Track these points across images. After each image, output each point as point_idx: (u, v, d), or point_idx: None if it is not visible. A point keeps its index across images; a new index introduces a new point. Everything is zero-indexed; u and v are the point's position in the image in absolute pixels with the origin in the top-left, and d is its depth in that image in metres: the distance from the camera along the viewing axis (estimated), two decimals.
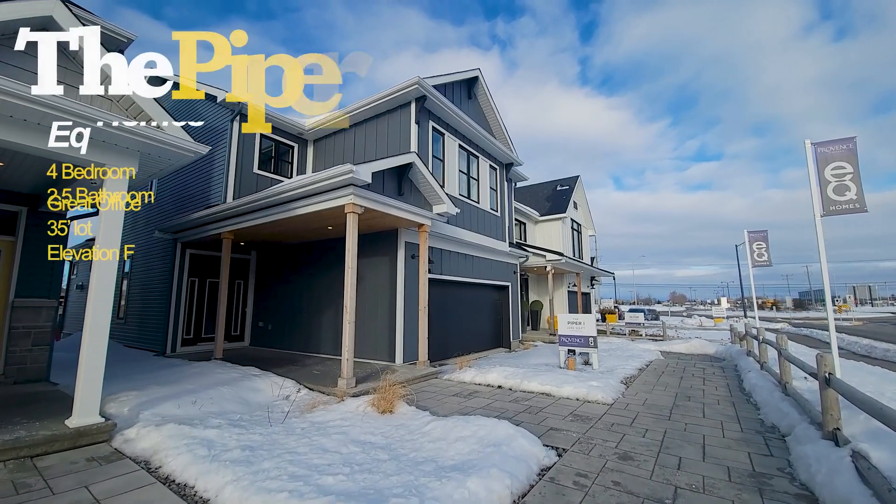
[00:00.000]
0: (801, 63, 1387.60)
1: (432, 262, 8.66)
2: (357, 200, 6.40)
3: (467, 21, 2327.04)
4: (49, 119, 3.84)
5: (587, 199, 22.72)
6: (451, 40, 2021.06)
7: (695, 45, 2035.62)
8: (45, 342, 6.15)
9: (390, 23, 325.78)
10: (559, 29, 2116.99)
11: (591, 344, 8.94)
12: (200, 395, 5.26)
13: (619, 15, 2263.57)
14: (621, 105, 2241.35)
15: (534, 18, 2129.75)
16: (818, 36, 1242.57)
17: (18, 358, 5.89)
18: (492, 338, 12.23)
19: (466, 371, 7.66)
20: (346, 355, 6.12)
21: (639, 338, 16.75)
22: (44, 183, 6.05)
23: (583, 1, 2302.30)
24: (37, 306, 6.08)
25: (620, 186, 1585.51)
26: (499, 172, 12.18)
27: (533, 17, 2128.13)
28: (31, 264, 6.15)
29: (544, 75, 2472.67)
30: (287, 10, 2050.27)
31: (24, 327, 5.96)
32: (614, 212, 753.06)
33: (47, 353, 6.17)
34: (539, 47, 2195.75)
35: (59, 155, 4.10)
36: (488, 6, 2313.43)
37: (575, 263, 16.77)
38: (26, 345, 5.96)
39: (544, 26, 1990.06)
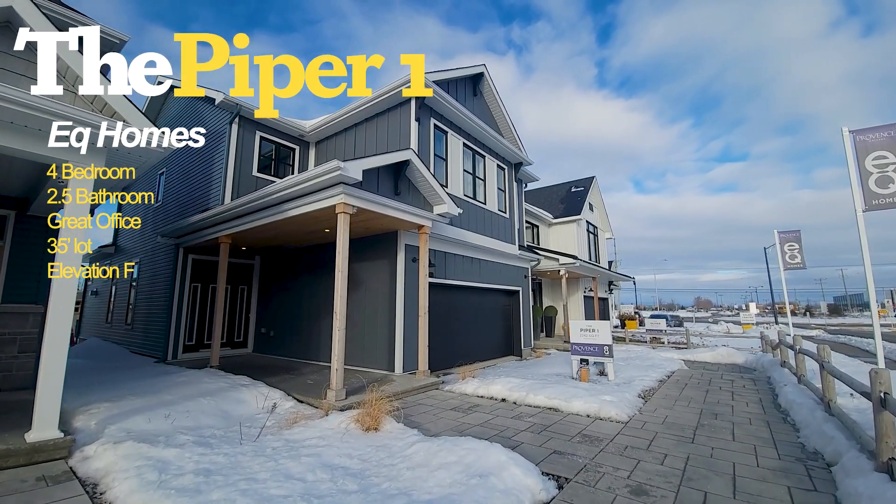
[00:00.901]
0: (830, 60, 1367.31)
1: (434, 265, 8.22)
2: (348, 200, 6.03)
3: (483, 27, 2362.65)
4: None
5: (603, 200, 21.90)
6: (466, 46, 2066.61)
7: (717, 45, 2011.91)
8: (32, 349, 5.97)
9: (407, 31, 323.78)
10: (575, 32, 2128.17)
11: (606, 353, 8.30)
12: (178, 407, 4.94)
13: (638, 16, 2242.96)
14: (641, 107, 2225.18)
15: (549, 23, 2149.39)
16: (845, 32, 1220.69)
17: (4, 365, 5.73)
18: (501, 346, 11.66)
19: (469, 382, 7.15)
20: (336, 365, 5.71)
21: (660, 345, 15.83)
22: (33, 185, 5.93)
23: (600, 3, 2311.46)
24: (23, 312, 5.92)
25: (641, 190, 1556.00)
26: (507, 172, 11.68)
27: (549, 21, 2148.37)
28: (19, 269, 6.01)
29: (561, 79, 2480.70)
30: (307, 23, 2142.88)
31: (10, 333, 5.80)
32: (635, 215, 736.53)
33: (34, 359, 5.97)
34: (555, 51, 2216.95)
35: (18, 151, 3.86)
36: (504, 12, 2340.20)
37: (590, 267, 16.03)
38: (12, 351, 5.80)
39: (560, 30, 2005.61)
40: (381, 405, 4.55)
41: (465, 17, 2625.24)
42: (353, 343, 8.58)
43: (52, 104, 3.78)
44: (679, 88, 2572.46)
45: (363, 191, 6.22)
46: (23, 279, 6.02)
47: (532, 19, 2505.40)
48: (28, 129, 3.80)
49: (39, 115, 3.74)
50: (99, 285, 16.08)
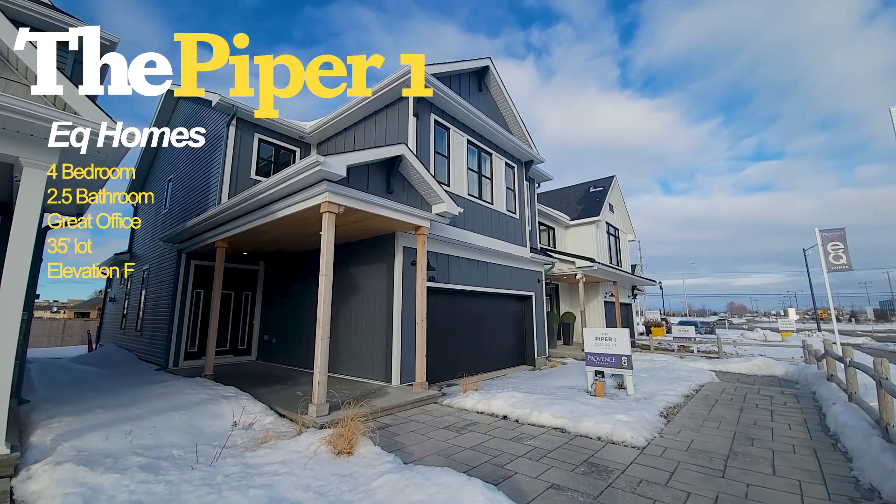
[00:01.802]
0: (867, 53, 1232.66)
1: (433, 268, 7.70)
2: (333, 198, 5.60)
3: (502, 32, 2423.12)
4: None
5: (625, 201, 20.86)
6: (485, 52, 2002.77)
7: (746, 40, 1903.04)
8: (17, 357, 5.78)
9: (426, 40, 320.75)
10: (597, 33, 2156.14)
11: (624, 364, 7.54)
12: (144, 422, 4.58)
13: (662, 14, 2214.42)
14: (667, 106, 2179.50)
15: (570, 24, 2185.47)
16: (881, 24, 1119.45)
17: None
18: (513, 354, 10.98)
19: (470, 396, 6.55)
20: (318, 377, 5.25)
21: (689, 354, 14.71)
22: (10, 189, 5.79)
23: (621, 3, 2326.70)
24: None
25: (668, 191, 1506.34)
26: (516, 171, 11.07)
27: (569, 23, 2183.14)
28: None
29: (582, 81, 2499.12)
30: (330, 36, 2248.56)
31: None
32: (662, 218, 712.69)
33: (18, 368, 5.78)
34: (576, 53, 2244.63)
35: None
36: (523, 16, 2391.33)
37: (610, 270, 15.12)
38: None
39: (581, 31, 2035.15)
40: (355, 425, 4.04)
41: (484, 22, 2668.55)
42: (349, 352, 8.15)
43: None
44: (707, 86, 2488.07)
45: (350, 188, 5.78)
46: None
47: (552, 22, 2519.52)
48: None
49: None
50: (116, 292, 16.35)
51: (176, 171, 11.98)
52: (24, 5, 5.81)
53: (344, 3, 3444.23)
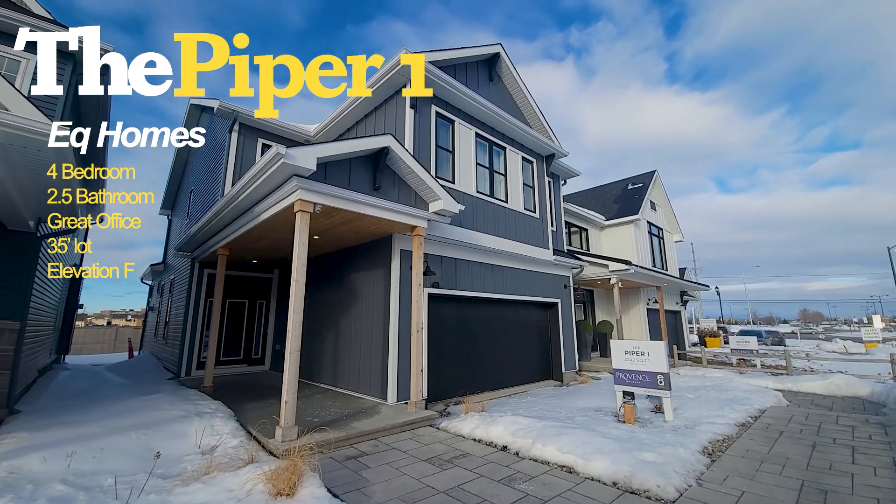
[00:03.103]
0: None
1: (433, 272, 6.96)
2: (306, 196, 5.06)
3: (539, 35, 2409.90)
4: None
5: (670, 198, 18.98)
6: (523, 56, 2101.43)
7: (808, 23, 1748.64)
8: (7, 367, 5.71)
9: None
10: (641, 28, 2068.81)
11: (660, 384, 6.38)
12: (96, 442, 4.21)
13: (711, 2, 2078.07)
14: (720, 99, 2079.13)
15: (611, 21, 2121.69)
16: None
17: None
18: (537, 369, 9.93)
19: (469, 419, 5.70)
20: (285, 396, 4.68)
21: (750, 370, 12.79)
22: None
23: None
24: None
25: (726, 189, 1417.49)
26: (535, 166, 10.10)
27: (610, 20, 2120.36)
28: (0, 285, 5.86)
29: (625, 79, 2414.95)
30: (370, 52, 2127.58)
31: None
32: (719, 218, 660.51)
33: (8, 378, 5.72)
34: (618, 50, 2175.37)
35: None
36: (560, 17, 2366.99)
37: (651, 274, 13.57)
38: None
39: (623, 28, 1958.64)
40: (299, 461, 3.37)
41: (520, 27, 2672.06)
42: (348, 365, 7.59)
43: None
44: (767, 74, 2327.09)
45: (327, 185, 5.22)
46: (3, 295, 5.86)
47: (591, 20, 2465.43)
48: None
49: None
50: (154, 302, 17.11)
51: (196, 181, 12.21)
52: (13, 17, 5.87)
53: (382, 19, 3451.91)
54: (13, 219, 5.78)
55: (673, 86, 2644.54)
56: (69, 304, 14.05)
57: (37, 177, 4.50)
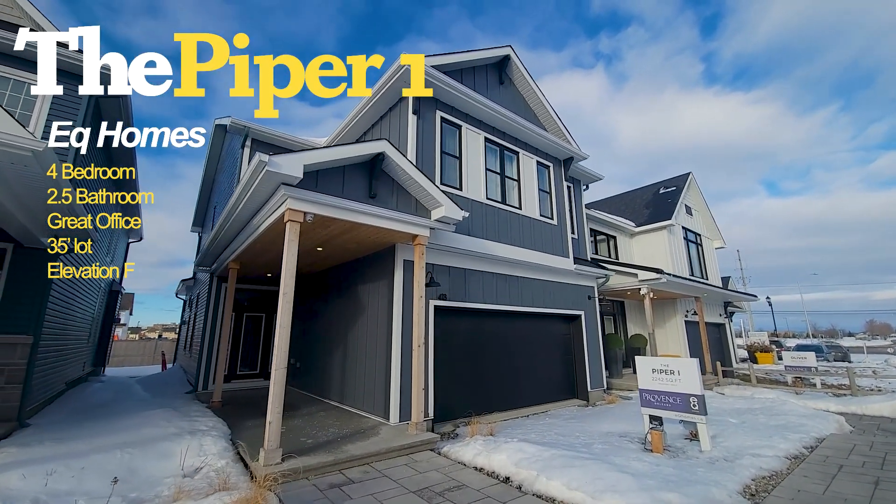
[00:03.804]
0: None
1: (437, 284, 6.58)
2: (296, 205, 4.88)
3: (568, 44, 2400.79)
4: None
5: (707, 202, 17.70)
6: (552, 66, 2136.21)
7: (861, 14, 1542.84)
8: (19, 380, 5.87)
9: None
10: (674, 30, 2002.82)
11: (693, 407, 5.64)
12: (78, 461, 4.10)
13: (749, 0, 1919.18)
14: (766, 98, 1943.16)
15: (642, 25, 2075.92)
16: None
17: None
18: (560, 387, 9.24)
19: (472, 443, 5.21)
20: (270, 416, 4.41)
21: (809, 389, 11.39)
22: None
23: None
24: (11, 343, 5.88)
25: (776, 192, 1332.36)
26: (552, 170, 9.59)
27: (641, 24, 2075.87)
28: (14, 300, 6.04)
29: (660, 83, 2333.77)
30: None
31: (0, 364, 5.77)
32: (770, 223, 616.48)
33: (20, 391, 5.86)
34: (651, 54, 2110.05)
35: None
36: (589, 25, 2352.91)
37: (688, 284, 12.51)
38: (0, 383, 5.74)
39: (656, 31, 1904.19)
40: (265, 490, 3.05)
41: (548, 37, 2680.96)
42: (353, 382, 7.31)
43: None
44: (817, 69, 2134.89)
45: (317, 193, 5.02)
46: (17, 310, 6.03)
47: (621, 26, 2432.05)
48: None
49: None
50: (187, 316, 17.75)
51: (219, 198, 12.57)
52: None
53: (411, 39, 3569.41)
54: (28, 237, 5.98)
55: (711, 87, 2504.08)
56: (106, 318, 14.80)
57: (36, 193, 4.58)
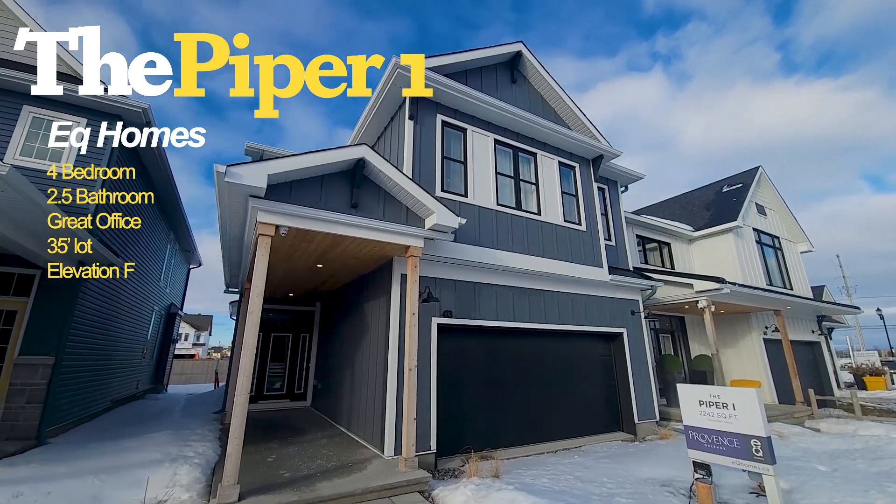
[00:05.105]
0: None
1: (436, 299, 5.95)
2: (266, 218, 4.61)
3: (621, 49, 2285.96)
4: None
5: (783, 198, 15.23)
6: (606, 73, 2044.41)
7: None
8: (39, 400, 6.17)
9: None
10: (740, 21, 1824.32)
11: (755, 453, 4.40)
12: (51, 485, 4.05)
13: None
14: (858, 83, 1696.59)
15: (703, 20, 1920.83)
16: None
17: (12, 415, 5.99)
18: (600, 417, 8.01)
19: (465, 486, 4.41)
20: (231, 446, 4.04)
21: None
22: None
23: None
24: (34, 364, 6.23)
25: (882, 187, 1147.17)
26: (578, 171, 8.63)
27: (702, 19, 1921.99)
28: (39, 323, 6.44)
29: (729, 77, 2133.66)
30: None
31: (21, 384, 6.11)
32: (880, 223, 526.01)
33: (40, 411, 6.15)
34: (716, 49, 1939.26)
35: None
36: (643, 26, 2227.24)
37: (760, 294, 10.54)
38: (20, 402, 6.06)
39: (719, 24, 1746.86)
40: None
41: (599, 44, 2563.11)
42: (356, 407, 6.84)
43: None
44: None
45: (290, 205, 4.72)
46: (42, 333, 6.39)
47: (679, 24, 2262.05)
48: None
49: None
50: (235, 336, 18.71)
51: None
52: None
53: None
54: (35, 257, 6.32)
55: (792, 76, 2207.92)
56: (164, 339, 15.96)
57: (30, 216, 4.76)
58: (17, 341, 6.27)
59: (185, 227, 13.91)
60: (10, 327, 6.34)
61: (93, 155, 7.03)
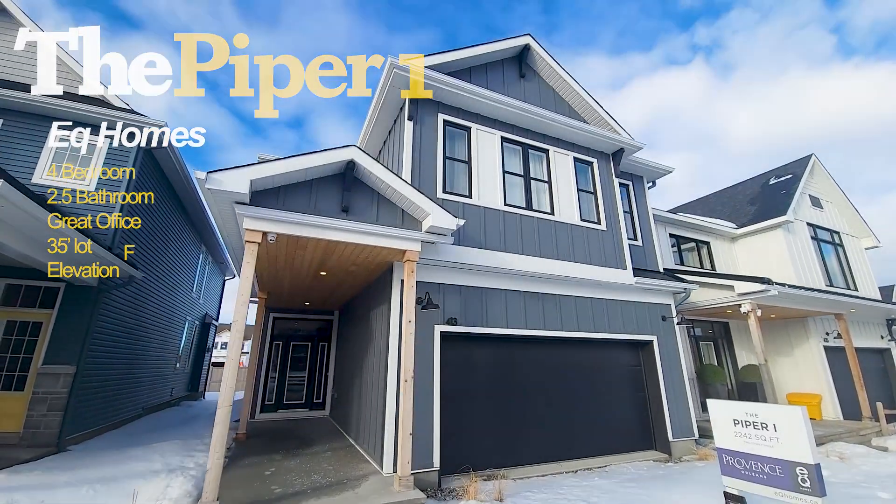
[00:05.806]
0: None
1: (436, 305, 5.60)
2: (252, 224, 4.51)
3: (658, 43, 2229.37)
4: None
5: (842, 189, 13.64)
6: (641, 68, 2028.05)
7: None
8: (60, 408, 6.40)
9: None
10: (788, 5, 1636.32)
11: (801, 483, 3.75)
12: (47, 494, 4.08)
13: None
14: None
15: (747, 6, 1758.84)
16: None
17: (34, 422, 6.24)
18: (629, 434, 7.31)
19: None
20: (210, 461, 3.87)
21: None
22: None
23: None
24: (56, 373, 6.49)
25: None
26: (597, 167, 8.04)
27: (746, 6, 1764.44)
28: (62, 333, 6.69)
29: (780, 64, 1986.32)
30: None
31: (43, 393, 6.37)
32: None
33: (60, 418, 6.37)
34: (763, 36, 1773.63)
35: None
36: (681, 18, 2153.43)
37: (815, 296, 9.35)
38: (42, 410, 6.31)
39: (765, 10, 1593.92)
40: None
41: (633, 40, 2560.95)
42: (363, 418, 6.60)
43: None
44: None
45: (277, 210, 4.60)
46: (65, 343, 6.65)
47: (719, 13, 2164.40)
48: None
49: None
50: None
51: None
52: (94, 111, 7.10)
53: None
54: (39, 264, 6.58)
55: (850, 59, 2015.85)
56: (200, 347, 16.60)
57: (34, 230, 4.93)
58: (42, 351, 6.57)
59: (215, 240, 14.45)
60: (35, 338, 6.65)
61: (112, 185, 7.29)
